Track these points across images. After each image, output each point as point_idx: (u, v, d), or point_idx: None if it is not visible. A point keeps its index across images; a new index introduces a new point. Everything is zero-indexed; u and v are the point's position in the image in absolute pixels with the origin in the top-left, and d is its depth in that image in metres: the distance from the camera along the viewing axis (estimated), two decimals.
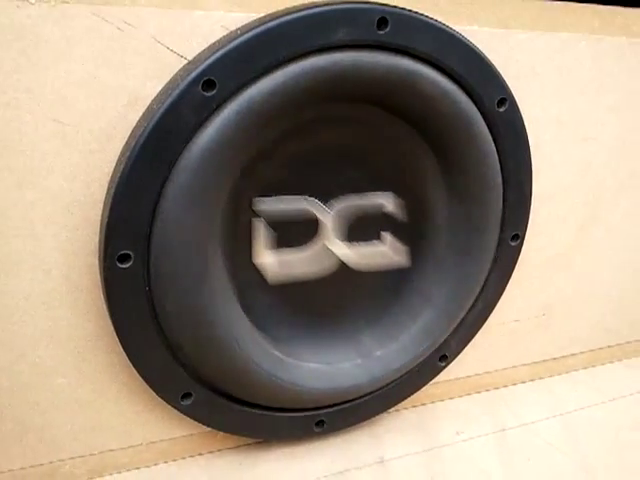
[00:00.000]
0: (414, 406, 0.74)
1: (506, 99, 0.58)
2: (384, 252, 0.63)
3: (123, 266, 0.49)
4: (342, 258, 0.61)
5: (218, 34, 0.47)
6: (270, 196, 0.56)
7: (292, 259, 0.59)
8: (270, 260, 0.58)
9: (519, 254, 0.67)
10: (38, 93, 0.44)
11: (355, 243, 0.62)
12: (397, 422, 0.72)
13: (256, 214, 0.56)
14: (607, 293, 0.80)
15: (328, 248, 0.60)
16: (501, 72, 0.57)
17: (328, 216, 0.59)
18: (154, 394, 0.56)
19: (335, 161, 0.58)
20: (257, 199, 0.55)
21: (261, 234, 0.57)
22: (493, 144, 0.59)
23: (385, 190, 0.61)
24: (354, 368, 0.63)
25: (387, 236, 0.63)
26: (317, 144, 0.56)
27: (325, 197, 0.59)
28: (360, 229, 0.61)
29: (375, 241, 0.63)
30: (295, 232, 0.59)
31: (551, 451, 0.70)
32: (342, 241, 0.61)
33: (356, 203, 0.60)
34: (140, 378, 0.54)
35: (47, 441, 0.56)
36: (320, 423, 0.66)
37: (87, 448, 0.58)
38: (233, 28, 0.47)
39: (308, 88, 0.49)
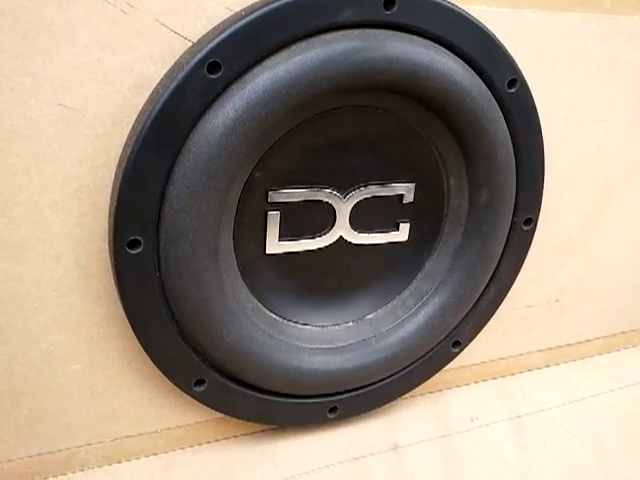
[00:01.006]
0: (428, 392, 0.73)
1: (517, 80, 0.56)
2: (400, 241, 0.62)
3: (133, 252, 0.48)
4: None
5: (222, 15, 0.46)
6: (286, 187, 0.55)
7: (305, 247, 0.58)
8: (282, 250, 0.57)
9: (532, 238, 0.65)
10: (42, 77, 0.43)
11: (371, 233, 0.60)
12: (411, 408, 0.70)
13: (271, 205, 0.55)
14: (622, 278, 0.78)
15: (344, 239, 0.59)
16: (512, 53, 0.56)
17: (345, 207, 0.58)
18: (167, 380, 0.55)
19: (355, 150, 0.56)
20: (272, 191, 0.54)
21: (275, 225, 0.56)
22: (506, 126, 0.57)
23: (404, 178, 0.60)
24: (359, 347, 0.62)
25: (405, 225, 0.62)
26: (332, 132, 0.54)
27: (344, 187, 0.57)
28: (378, 218, 0.60)
29: (392, 231, 0.61)
30: (311, 223, 0.58)
31: (567, 437, 0.68)
32: (359, 232, 0.60)
33: (373, 193, 0.59)
34: (153, 364, 0.54)
35: (61, 427, 0.55)
36: (334, 409, 0.65)
37: (101, 435, 0.57)
38: (237, 9, 0.46)
39: (316, 70, 0.47)
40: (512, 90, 0.56)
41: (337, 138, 0.55)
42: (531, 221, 0.64)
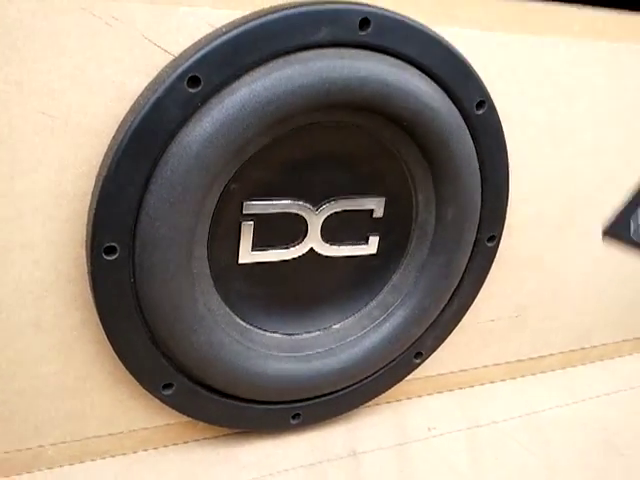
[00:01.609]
0: (389, 402, 0.75)
1: (485, 102, 0.59)
2: (369, 254, 0.65)
3: (109, 258, 0.50)
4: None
5: (204, 31, 0.48)
6: (260, 198, 0.57)
7: (276, 258, 0.61)
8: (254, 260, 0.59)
9: (495, 255, 0.68)
10: (27, 86, 0.44)
11: (341, 245, 0.63)
12: (371, 417, 0.73)
13: (245, 216, 0.57)
14: (582, 296, 0.82)
15: (315, 251, 0.61)
16: (481, 74, 0.58)
17: (317, 220, 0.60)
18: (137, 383, 0.57)
19: (329, 165, 0.59)
20: (247, 202, 0.56)
21: (249, 236, 0.58)
22: (473, 146, 0.60)
23: (373, 193, 0.62)
24: (324, 356, 0.64)
25: (374, 239, 0.64)
26: (307, 147, 0.57)
27: (316, 201, 0.59)
28: (349, 231, 0.63)
29: (361, 244, 0.64)
30: (284, 234, 0.60)
31: (519, 450, 0.71)
32: (330, 244, 0.62)
33: (344, 207, 0.61)
34: (124, 368, 0.55)
35: (31, 426, 0.56)
36: (297, 416, 0.67)
37: (70, 434, 0.58)
38: (218, 25, 0.48)
39: (293, 87, 0.49)
40: (480, 111, 0.59)
41: (311, 153, 0.57)
42: (494, 238, 0.67)
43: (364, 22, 0.51)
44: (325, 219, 0.60)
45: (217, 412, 0.62)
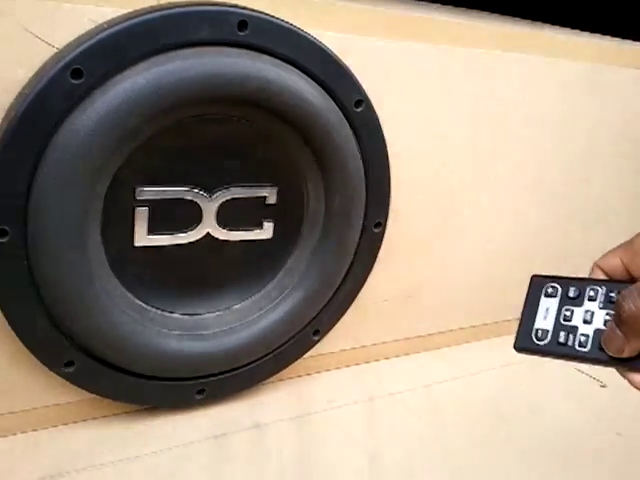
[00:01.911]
0: (291, 378, 0.76)
1: (362, 100, 0.61)
2: (265, 239, 0.66)
3: (1, 240, 0.50)
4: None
5: (87, 26, 0.49)
6: (154, 185, 0.57)
7: (172, 242, 0.61)
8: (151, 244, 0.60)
9: (382, 240, 0.71)
10: None
11: (237, 230, 0.64)
12: (274, 392, 0.74)
13: (139, 202, 0.57)
14: (468, 277, 0.85)
15: (211, 235, 0.62)
16: (360, 76, 0.61)
17: (211, 206, 0.61)
18: (39, 362, 0.56)
19: (221, 154, 0.60)
20: (140, 188, 0.57)
21: (144, 221, 0.58)
22: (354, 140, 0.63)
23: (267, 182, 0.63)
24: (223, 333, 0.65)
25: (269, 224, 0.65)
26: (197, 137, 0.58)
27: (210, 188, 0.60)
28: (244, 217, 0.64)
29: (256, 229, 0.65)
30: (180, 219, 0.60)
31: (413, 419, 0.73)
32: (226, 229, 0.63)
33: (238, 194, 0.62)
34: (24, 347, 0.55)
35: None
36: (201, 391, 0.67)
37: None
38: (101, 21, 0.49)
39: (174, 81, 0.50)
40: (359, 109, 0.62)
41: (202, 142, 0.58)
42: (380, 225, 0.70)
43: (242, 24, 0.53)
44: (220, 205, 0.61)
45: (121, 389, 0.62)
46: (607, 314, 0.45)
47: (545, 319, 0.48)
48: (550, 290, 0.49)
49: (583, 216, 0.91)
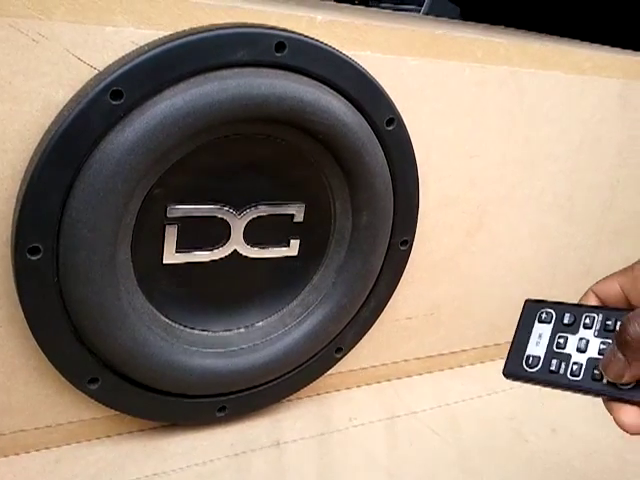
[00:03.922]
0: (312, 395, 0.78)
1: (394, 119, 0.63)
2: (291, 256, 0.68)
3: (33, 258, 0.52)
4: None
5: (128, 49, 0.50)
6: (185, 203, 0.59)
7: (200, 259, 0.63)
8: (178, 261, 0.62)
9: (408, 257, 0.73)
10: None
11: (264, 248, 0.66)
12: (295, 409, 0.75)
13: (170, 220, 0.59)
14: (492, 295, 0.86)
15: (239, 252, 0.64)
16: (392, 94, 0.62)
17: (240, 224, 0.63)
18: (63, 378, 0.58)
19: (250, 173, 0.62)
20: (171, 206, 0.59)
21: (173, 238, 0.60)
22: (384, 158, 0.64)
23: (294, 200, 0.65)
24: (246, 351, 0.67)
25: (295, 242, 0.67)
26: (229, 156, 0.60)
27: (239, 206, 0.62)
28: (271, 235, 0.66)
29: (283, 247, 0.67)
30: (208, 237, 0.62)
31: (433, 437, 0.75)
32: (252, 246, 0.65)
33: (266, 212, 0.64)
34: (49, 363, 0.57)
35: None
36: (222, 409, 0.69)
37: None
38: (142, 44, 0.51)
39: (211, 102, 0.52)
40: (390, 128, 0.63)
41: (233, 161, 0.60)
42: (407, 242, 0.71)
43: (280, 45, 0.55)
44: (248, 223, 0.63)
45: (143, 406, 0.64)
46: (602, 343, 0.45)
47: (537, 345, 0.47)
48: (544, 316, 0.49)
49: (611, 234, 0.92)
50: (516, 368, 0.49)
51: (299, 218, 0.66)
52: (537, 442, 0.76)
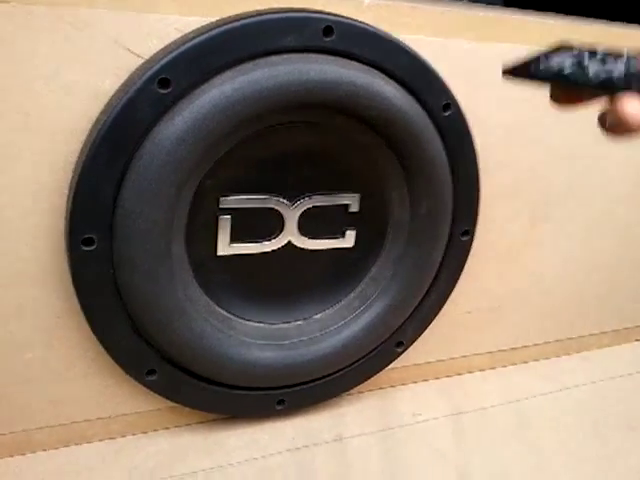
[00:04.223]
0: (373, 389, 0.75)
1: (450, 104, 0.59)
2: (347, 248, 0.65)
3: (87, 249, 0.51)
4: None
5: (173, 36, 0.49)
6: (237, 193, 0.57)
7: (254, 251, 0.61)
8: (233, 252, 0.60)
9: (470, 248, 0.68)
10: (4, 87, 0.46)
11: (318, 239, 0.63)
12: (356, 404, 0.73)
13: (223, 210, 0.57)
14: (557, 288, 0.81)
15: (293, 244, 0.62)
16: (448, 79, 0.59)
17: (293, 214, 0.60)
18: (121, 370, 0.57)
19: (302, 162, 0.59)
20: (224, 197, 0.57)
21: (226, 229, 0.58)
22: (442, 145, 0.60)
23: (349, 189, 0.62)
24: (305, 343, 0.64)
25: (351, 233, 0.64)
26: (281, 145, 0.57)
27: (292, 196, 0.60)
28: (325, 225, 0.63)
29: (338, 237, 0.64)
30: (261, 228, 0.60)
31: (502, 434, 0.71)
32: (307, 237, 0.62)
33: (320, 202, 0.61)
34: (107, 354, 0.56)
35: (18, 410, 0.57)
36: (281, 402, 0.67)
37: (57, 419, 0.59)
38: (187, 31, 0.49)
39: (261, 89, 0.50)
40: (447, 113, 0.59)
41: (286, 150, 0.58)
42: (468, 232, 0.67)
43: (328, 30, 0.52)
44: (302, 214, 0.61)
45: (202, 398, 0.63)
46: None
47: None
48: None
49: None
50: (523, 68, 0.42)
51: (354, 208, 0.63)
52: (614, 439, 0.71)
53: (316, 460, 0.64)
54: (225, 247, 0.59)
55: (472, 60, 0.61)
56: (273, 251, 0.61)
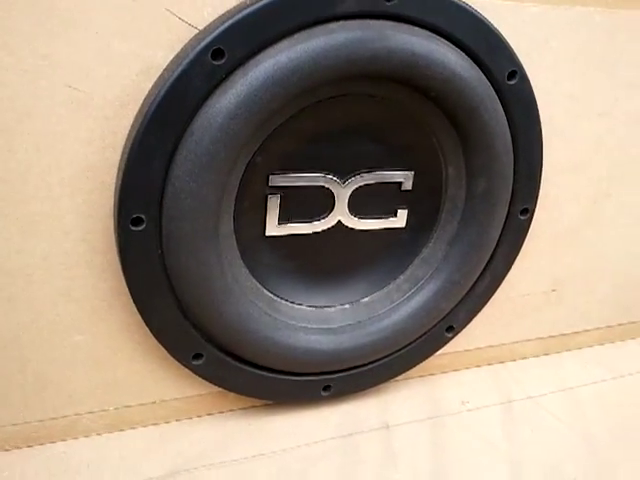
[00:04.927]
0: (421, 376, 0.75)
1: (516, 72, 0.58)
2: (398, 228, 0.65)
3: (136, 229, 0.51)
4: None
5: (228, 4, 0.48)
6: (287, 171, 0.57)
7: (303, 231, 0.61)
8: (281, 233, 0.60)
9: (528, 228, 0.68)
10: (54, 60, 0.46)
11: (369, 218, 0.63)
12: (404, 390, 0.73)
13: (272, 189, 0.57)
14: (619, 270, 0.80)
15: (343, 224, 0.62)
16: (513, 45, 0.58)
17: (344, 192, 0.60)
18: (167, 353, 0.58)
19: (356, 137, 0.59)
20: (273, 175, 0.57)
21: (275, 209, 0.58)
22: (505, 117, 0.60)
23: (403, 166, 0.62)
24: (352, 328, 0.65)
25: (403, 212, 0.64)
26: (333, 119, 0.57)
27: (343, 173, 0.60)
28: (377, 204, 0.63)
29: (391, 217, 0.64)
30: (311, 207, 0.60)
31: (555, 423, 0.71)
32: (358, 217, 0.62)
33: (373, 180, 0.61)
34: (153, 337, 0.57)
35: (65, 395, 0.59)
36: (327, 388, 0.68)
37: (103, 403, 0.61)
38: None
39: (318, 58, 0.49)
40: (512, 82, 0.59)
41: (338, 125, 0.57)
42: (527, 211, 0.66)
43: None
44: (352, 192, 0.61)
45: (247, 383, 0.64)
46: None
47: None
48: None
49: None
50: None
51: (407, 186, 0.63)
52: None
53: (362, 448, 0.65)
54: (273, 228, 0.59)
55: (540, 25, 0.60)
56: (322, 231, 0.61)
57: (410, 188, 0.63)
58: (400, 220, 0.65)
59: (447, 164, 0.63)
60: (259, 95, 0.49)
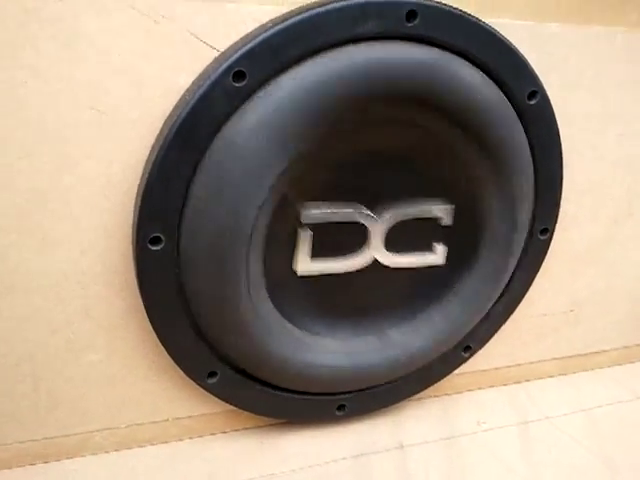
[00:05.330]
0: (437, 395, 0.76)
1: (537, 92, 0.60)
2: (433, 261, 0.65)
3: (154, 248, 0.53)
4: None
5: (250, 26, 0.50)
6: (317, 201, 0.58)
7: (336, 269, 0.62)
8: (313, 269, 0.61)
9: (548, 248, 0.69)
10: (78, 82, 0.47)
11: (405, 254, 0.64)
12: (419, 410, 0.74)
13: (301, 222, 0.58)
14: (637, 290, 0.81)
15: (377, 260, 0.62)
16: (534, 65, 0.59)
17: (377, 225, 0.61)
18: (181, 372, 0.60)
19: (385, 166, 0.60)
20: (302, 205, 0.58)
21: (305, 243, 0.59)
22: (525, 137, 0.61)
23: (438, 200, 0.63)
24: (373, 352, 0.66)
25: (440, 247, 0.65)
26: (363, 147, 0.58)
27: (374, 204, 0.61)
28: (407, 236, 0.63)
29: (426, 252, 0.65)
30: (342, 241, 0.61)
31: (573, 445, 0.71)
32: (392, 254, 0.63)
33: (407, 211, 0.62)
34: (168, 356, 0.58)
35: (79, 413, 0.60)
36: (341, 407, 0.69)
37: (116, 421, 0.62)
38: (264, 20, 0.50)
39: (339, 80, 0.51)
40: (532, 102, 0.60)
41: (369, 153, 0.59)
42: (547, 231, 0.68)
43: (411, 14, 0.52)
44: (387, 226, 0.61)
45: (261, 402, 0.65)
46: None
47: None
48: None
49: None
50: None
51: (448, 221, 0.64)
52: None
53: (375, 469, 0.66)
54: (304, 264, 0.60)
55: (561, 45, 0.61)
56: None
57: (450, 223, 0.64)
58: (439, 257, 0.65)
59: (484, 194, 0.63)
60: (280, 117, 0.50)
